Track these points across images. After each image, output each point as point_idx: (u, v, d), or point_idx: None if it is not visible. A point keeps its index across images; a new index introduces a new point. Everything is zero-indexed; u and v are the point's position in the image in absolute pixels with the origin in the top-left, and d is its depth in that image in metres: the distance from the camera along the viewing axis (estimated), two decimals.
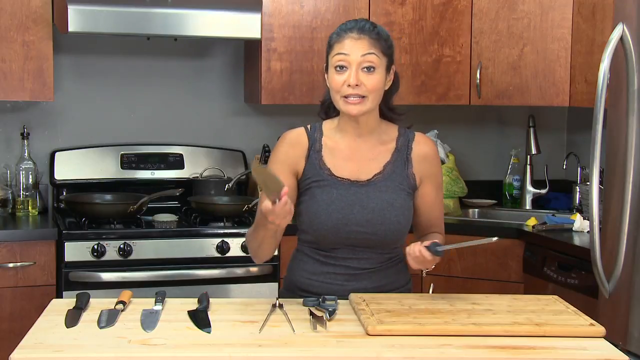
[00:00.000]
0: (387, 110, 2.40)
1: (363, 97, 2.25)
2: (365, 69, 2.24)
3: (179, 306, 2.19)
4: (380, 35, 2.28)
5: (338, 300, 2.21)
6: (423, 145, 2.39)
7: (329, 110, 2.42)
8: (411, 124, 2.44)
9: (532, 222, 3.63)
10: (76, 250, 3.33)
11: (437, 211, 2.43)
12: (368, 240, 2.31)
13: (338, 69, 2.25)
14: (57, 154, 3.87)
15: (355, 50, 2.24)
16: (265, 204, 2.04)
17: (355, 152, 2.36)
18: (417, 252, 2.19)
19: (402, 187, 2.34)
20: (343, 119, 2.35)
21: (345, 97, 2.25)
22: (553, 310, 2.19)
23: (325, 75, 2.33)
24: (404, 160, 2.36)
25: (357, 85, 2.23)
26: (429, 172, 2.38)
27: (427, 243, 2.20)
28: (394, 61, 2.34)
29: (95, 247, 3.33)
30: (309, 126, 2.42)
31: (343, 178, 2.33)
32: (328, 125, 2.41)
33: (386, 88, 2.32)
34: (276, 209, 2.02)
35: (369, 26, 2.28)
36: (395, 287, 2.40)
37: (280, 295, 2.49)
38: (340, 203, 2.31)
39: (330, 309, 2.13)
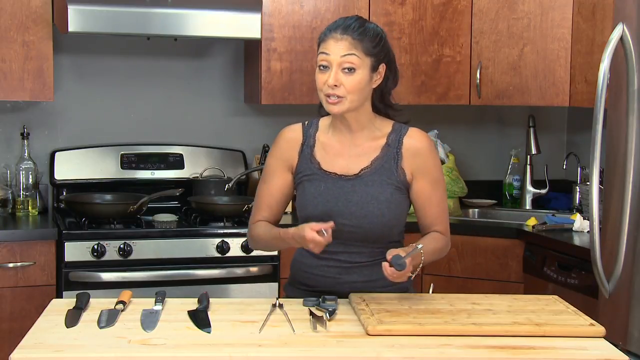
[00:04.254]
0: (385, 107, 2.40)
1: (341, 97, 2.25)
2: (346, 70, 2.24)
3: (179, 306, 2.19)
4: (366, 35, 2.26)
5: (338, 300, 2.21)
6: (415, 140, 2.35)
7: None
8: (408, 119, 2.42)
9: (532, 222, 3.63)
10: (76, 250, 3.33)
11: (435, 208, 2.38)
12: (353, 233, 2.31)
13: (321, 67, 2.27)
14: (57, 154, 3.87)
15: (335, 50, 2.24)
16: (311, 234, 2.15)
17: (345, 148, 2.37)
18: (387, 271, 2.13)
19: (389, 181, 2.33)
20: (334, 115, 2.35)
21: (327, 96, 2.27)
22: (553, 310, 2.19)
23: None
24: (394, 154, 2.34)
25: (335, 85, 2.24)
26: (421, 167, 2.34)
27: (390, 256, 2.13)
28: (386, 59, 2.32)
29: (95, 247, 3.33)
30: (306, 122, 2.45)
31: (331, 172, 2.35)
32: (324, 122, 2.43)
33: (374, 86, 2.32)
34: (322, 240, 2.15)
35: (355, 25, 2.27)
36: (390, 283, 2.30)
37: (284, 289, 2.52)
38: (327, 196, 2.33)
39: (330, 309, 2.13)
